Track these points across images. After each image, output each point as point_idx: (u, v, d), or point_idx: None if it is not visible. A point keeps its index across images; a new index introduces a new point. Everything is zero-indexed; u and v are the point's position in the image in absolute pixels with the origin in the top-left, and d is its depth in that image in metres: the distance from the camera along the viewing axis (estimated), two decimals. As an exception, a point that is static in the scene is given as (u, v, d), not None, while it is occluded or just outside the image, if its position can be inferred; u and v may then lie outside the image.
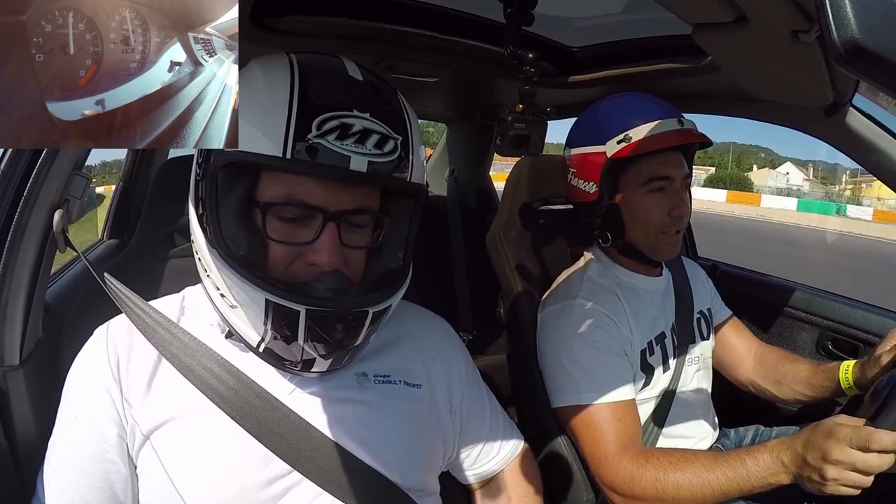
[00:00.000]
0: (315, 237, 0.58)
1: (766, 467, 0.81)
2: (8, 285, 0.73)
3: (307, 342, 0.57)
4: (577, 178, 1.10)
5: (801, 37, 0.67)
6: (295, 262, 0.59)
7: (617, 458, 0.94)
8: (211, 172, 0.57)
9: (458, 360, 0.80)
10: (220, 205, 0.58)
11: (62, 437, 0.65)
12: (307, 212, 0.58)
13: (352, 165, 0.54)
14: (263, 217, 0.58)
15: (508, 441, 0.85)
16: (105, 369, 0.64)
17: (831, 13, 0.34)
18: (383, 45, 1.13)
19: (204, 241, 0.59)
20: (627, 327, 1.05)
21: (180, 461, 0.61)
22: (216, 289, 0.61)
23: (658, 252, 1.09)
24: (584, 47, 1.34)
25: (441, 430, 0.75)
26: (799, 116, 1.18)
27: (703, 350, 1.19)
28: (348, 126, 0.54)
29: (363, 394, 0.69)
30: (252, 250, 0.58)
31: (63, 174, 0.75)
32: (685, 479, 0.87)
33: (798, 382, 1.13)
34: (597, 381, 0.99)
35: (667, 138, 1.00)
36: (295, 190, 0.57)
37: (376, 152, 0.56)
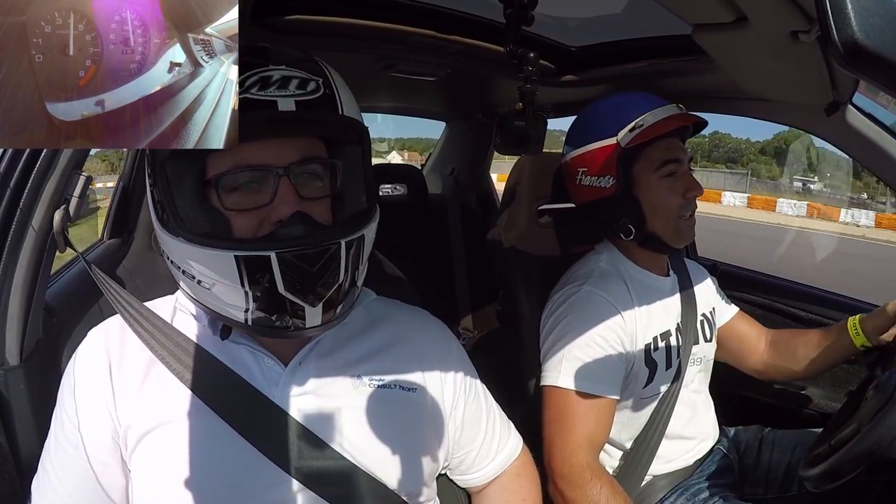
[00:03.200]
0: (272, 197, 0.59)
1: None
2: (8, 285, 0.73)
3: (288, 291, 0.57)
4: (589, 176, 1.08)
5: (800, 37, 0.67)
6: (261, 227, 0.60)
7: (572, 450, 0.95)
8: (158, 168, 0.58)
9: (454, 363, 0.79)
10: (175, 195, 0.58)
11: (56, 439, 0.65)
12: (257, 174, 0.59)
13: (280, 108, 0.56)
14: (217, 192, 0.59)
15: (506, 445, 0.84)
16: (98, 371, 0.65)
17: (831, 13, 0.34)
18: (383, 43, 1.13)
19: (170, 237, 0.59)
20: (633, 319, 1.05)
21: (173, 464, 0.61)
22: (192, 279, 0.60)
23: (679, 237, 1.08)
24: (583, 47, 1.34)
25: (437, 434, 0.74)
26: (799, 115, 1.18)
27: (706, 352, 1.19)
28: (267, 77, 0.56)
29: (358, 398, 0.68)
30: (215, 226, 0.59)
31: (63, 174, 0.75)
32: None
33: (811, 349, 1.15)
34: (585, 371, 0.99)
35: (678, 119, 1.03)
36: (239, 156, 0.58)
37: (300, 92, 0.57)
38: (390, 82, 1.50)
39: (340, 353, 0.70)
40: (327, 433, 0.65)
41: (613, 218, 1.09)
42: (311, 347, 0.69)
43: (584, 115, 1.13)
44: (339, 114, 0.61)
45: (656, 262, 1.15)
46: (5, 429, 0.72)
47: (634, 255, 1.13)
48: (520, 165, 1.31)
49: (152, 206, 0.63)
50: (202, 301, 0.63)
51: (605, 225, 1.13)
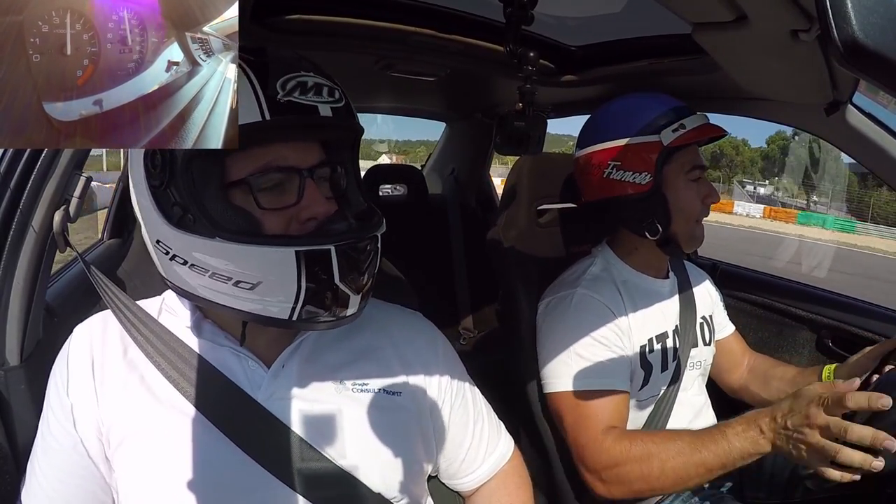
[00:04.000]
0: (299, 197, 0.61)
1: (746, 436, 0.82)
2: (8, 286, 0.73)
3: (343, 281, 0.59)
4: (622, 171, 1.06)
5: (801, 36, 0.67)
6: (290, 225, 0.61)
7: (600, 441, 0.94)
8: (182, 170, 0.58)
9: (440, 366, 0.78)
10: (204, 196, 0.58)
11: (42, 438, 0.66)
12: (284, 176, 0.61)
13: (321, 113, 0.58)
14: (251, 192, 0.60)
15: (496, 448, 0.83)
16: (81, 370, 0.65)
17: (831, 12, 0.34)
18: (383, 43, 1.13)
19: (195, 237, 0.58)
20: (626, 321, 1.05)
21: (156, 464, 0.61)
22: (227, 280, 0.58)
23: (693, 241, 1.10)
24: (583, 46, 1.34)
25: (423, 438, 0.74)
26: (799, 115, 1.18)
27: (705, 356, 1.19)
28: (304, 83, 0.58)
29: (341, 401, 0.68)
30: (250, 225, 0.60)
31: (63, 174, 0.75)
32: (670, 460, 0.87)
33: (785, 383, 1.18)
34: (590, 369, 0.99)
35: (711, 127, 1.05)
36: (269, 157, 0.60)
37: (331, 100, 0.60)
38: (390, 82, 1.50)
39: (323, 355, 0.70)
40: (310, 436, 0.65)
41: (642, 216, 1.07)
42: (294, 350, 0.68)
43: (615, 110, 1.11)
44: (356, 121, 0.64)
45: (655, 264, 1.15)
46: (5, 429, 0.72)
47: (632, 258, 1.14)
48: (519, 165, 1.31)
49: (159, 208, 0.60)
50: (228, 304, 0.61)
51: (629, 223, 1.11)
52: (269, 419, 0.64)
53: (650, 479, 0.88)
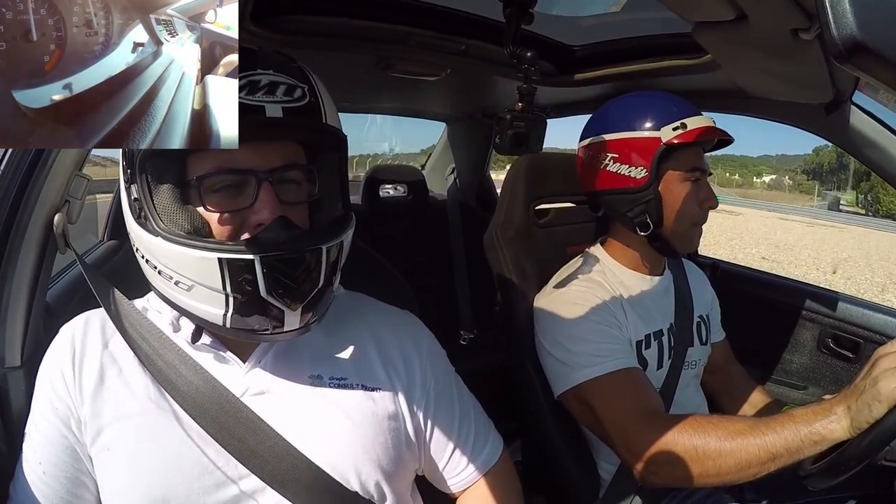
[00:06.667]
0: (253, 200, 0.59)
1: (816, 419, 0.72)
2: (9, 286, 0.73)
3: (270, 294, 0.57)
4: (619, 163, 1.07)
5: (801, 35, 0.67)
6: (241, 229, 0.60)
7: (645, 423, 0.88)
8: (139, 167, 0.58)
9: (423, 362, 0.76)
10: (155, 194, 0.59)
11: (29, 435, 0.66)
12: (239, 178, 0.59)
13: (267, 114, 0.56)
14: (199, 193, 0.59)
15: (483, 448, 0.80)
16: (64, 368, 0.66)
17: (831, 11, 0.34)
18: (383, 44, 1.13)
19: (148, 235, 0.59)
20: (622, 316, 1.05)
21: (134, 458, 0.62)
22: (169, 279, 0.60)
23: (687, 244, 1.10)
24: (583, 46, 1.34)
25: (404, 435, 0.72)
26: (799, 114, 1.18)
27: (702, 355, 1.19)
28: (256, 82, 0.56)
29: (316, 397, 0.67)
30: (195, 226, 0.59)
31: (63, 175, 0.75)
32: (728, 442, 0.78)
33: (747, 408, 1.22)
34: (602, 353, 0.98)
35: (715, 130, 1.04)
36: (222, 158, 0.58)
37: (287, 99, 0.57)
38: (390, 83, 1.50)
39: (301, 350, 0.70)
40: (285, 431, 0.64)
41: (634, 210, 1.08)
42: (270, 345, 0.68)
43: (621, 105, 1.12)
44: (322, 122, 0.62)
45: (649, 261, 1.14)
46: (5, 429, 0.72)
47: (626, 257, 1.14)
48: (517, 165, 1.31)
49: (128, 204, 0.63)
50: (177, 303, 0.63)
51: (622, 217, 1.11)
52: (245, 414, 0.64)
53: (706, 464, 0.79)
